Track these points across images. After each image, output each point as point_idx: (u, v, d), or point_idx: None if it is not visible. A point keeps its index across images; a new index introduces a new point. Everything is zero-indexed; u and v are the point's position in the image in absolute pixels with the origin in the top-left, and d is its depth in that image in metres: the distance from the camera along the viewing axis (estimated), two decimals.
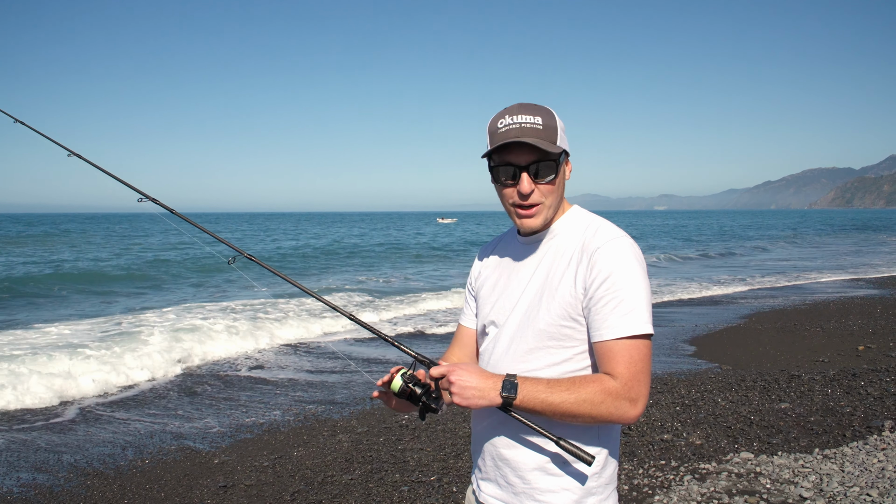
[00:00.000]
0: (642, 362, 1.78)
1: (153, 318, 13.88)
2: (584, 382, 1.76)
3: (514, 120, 1.87)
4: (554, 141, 1.87)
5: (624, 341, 1.77)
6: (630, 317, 1.77)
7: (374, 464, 5.76)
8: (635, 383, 1.76)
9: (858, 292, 16.39)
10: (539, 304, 1.89)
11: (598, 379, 1.77)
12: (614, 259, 1.81)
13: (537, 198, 1.89)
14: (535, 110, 1.89)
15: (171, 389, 8.81)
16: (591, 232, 1.89)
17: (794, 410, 6.51)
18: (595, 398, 1.74)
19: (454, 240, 53.60)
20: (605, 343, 1.79)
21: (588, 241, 1.87)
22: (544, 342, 1.87)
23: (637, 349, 1.78)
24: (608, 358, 1.79)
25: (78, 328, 12.89)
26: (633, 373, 1.76)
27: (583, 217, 1.97)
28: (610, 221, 1.94)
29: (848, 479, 4.76)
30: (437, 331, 13.07)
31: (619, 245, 1.83)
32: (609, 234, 1.86)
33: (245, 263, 2.51)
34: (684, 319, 13.14)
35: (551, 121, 1.88)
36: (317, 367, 9.99)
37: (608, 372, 1.78)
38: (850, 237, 52.22)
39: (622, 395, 1.75)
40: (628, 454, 5.60)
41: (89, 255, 34.98)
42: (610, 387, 1.75)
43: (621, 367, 1.76)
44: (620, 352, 1.77)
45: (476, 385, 1.76)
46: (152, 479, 5.67)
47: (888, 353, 9.04)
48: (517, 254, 2.03)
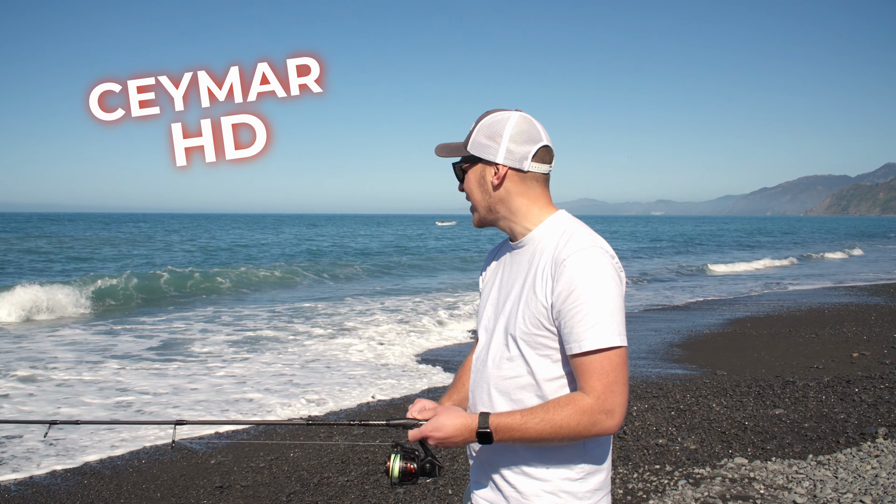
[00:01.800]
0: (614, 373, 1.79)
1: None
2: (557, 407, 1.79)
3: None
4: (466, 145, 2.00)
5: (593, 355, 1.79)
6: (595, 330, 1.78)
7: (370, 465, 5.77)
8: (609, 395, 1.78)
9: (853, 299, 16.43)
10: (517, 312, 1.92)
11: (572, 400, 1.80)
12: (580, 271, 1.81)
13: (467, 198, 2.06)
14: (478, 119, 2.01)
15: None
16: (563, 240, 1.90)
17: (789, 416, 6.53)
18: (570, 421, 1.78)
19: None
20: (576, 357, 1.82)
21: (559, 250, 1.88)
22: (521, 350, 1.91)
23: (608, 360, 1.79)
24: (581, 372, 1.82)
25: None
26: (606, 384, 1.78)
27: (560, 224, 1.97)
28: (587, 229, 1.95)
29: (841, 486, 4.78)
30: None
31: (586, 256, 1.83)
32: (578, 245, 1.86)
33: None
34: (681, 321, 13.17)
35: (472, 126, 2.01)
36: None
37: (582, 386, 1.81)
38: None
39: (597, 410, 1.78)
40: (623, 458, 5.62)
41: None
42: (584, 405, 1.78)
43: (594, 381, 1.79)
44: (591, 365, 1.79)
45: (452, 436, 1.86)
46: (148, 479, 5.67)
47: (882, 360, 9.07)
48: (506, 260, 2.07)
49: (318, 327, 13.06)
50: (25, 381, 8.63)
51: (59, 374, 9.08)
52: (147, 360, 10.20)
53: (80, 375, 9.04)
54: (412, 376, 9.22)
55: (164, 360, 10.19)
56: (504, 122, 1.95)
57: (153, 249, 40.02)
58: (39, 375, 8.95)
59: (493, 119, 1.96)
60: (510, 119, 1.95)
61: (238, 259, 33.03)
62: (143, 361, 10.04)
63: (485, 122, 1.97)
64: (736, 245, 51.24)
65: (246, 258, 33.83)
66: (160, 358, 10.34)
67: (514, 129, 1.94)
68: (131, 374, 9.23)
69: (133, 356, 10.42)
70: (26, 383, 8.56)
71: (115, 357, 10.32)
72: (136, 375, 9.13)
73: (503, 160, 1.95)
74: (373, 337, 12.05)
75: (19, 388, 8.38)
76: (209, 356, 10.43)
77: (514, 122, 1.94)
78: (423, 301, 17.30)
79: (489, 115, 1.98)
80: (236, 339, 11.95)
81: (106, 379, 8.90)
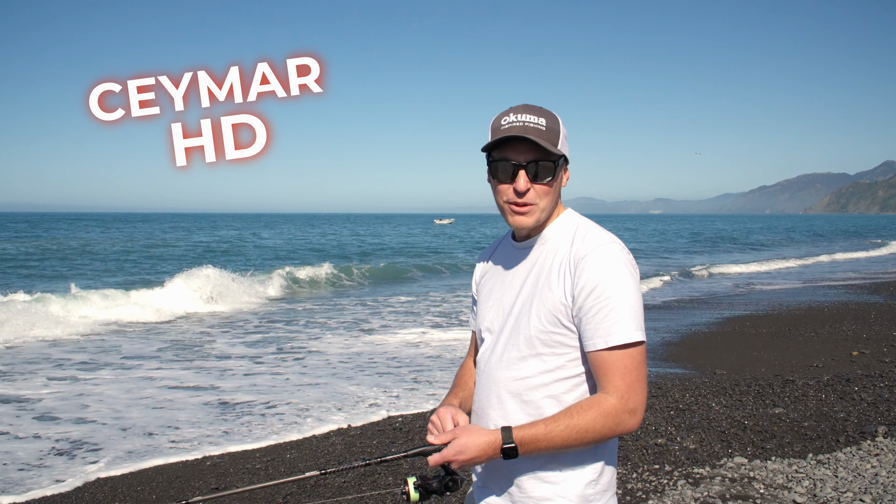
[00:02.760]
0: (637, 370, 1.78)
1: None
2: (580, 412, 1.77)
3: (517, 118, 1.86)
4: (556, 144, 1.87)
5: (616, 351, 1.77)
6: (620, 325, 1.77)
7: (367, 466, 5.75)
8: (632, 394, 1.77)
9: (853, 297, 16.44)
10: (530, 311, 1.88)
11: (595, 403, 1.77)
12: (602, 267, 1.80)
13: (532, 197, 1.88)
14: (541, 112, 1.88)
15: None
16: (579, 237, 1.88)
17: (788, 415, 6.53)
18: (595, 424, 1.75)
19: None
20: (599, 354, 1.79)
21: (577, 247, 1.86)
22: (536, 349, 1.87)
23: (630, 358, 1.78)
24: (603, 370, 1.79)
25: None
26: (629, 383, 1.77)
27: (573, 221, 1.95)
28: (600, 226, 1.93)
29: (841, 485, 4.78)
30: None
31: (606, 252, 1.82)
32: (597, 241, 1.85)
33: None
34: (680, 319, 13.17)
35: (555, 124, 1.88)
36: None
37: (603, 386, 1.79)
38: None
39: (621, 410, 1.76)
40: (622, 458, 5.61)
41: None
42: (608, 407, 1.76)
43: (617, 380, 1.77)
44: (614, 363, 1.77)
45: (476, 457, 1.78)
46: (143, 481, 5.65)
47: (882, 358, 9.07)
48: (511, 259, 2.03)
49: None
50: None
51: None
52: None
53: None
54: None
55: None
56: (559, 120, 1.92)
57: (248, 248, 41.85)
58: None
59: (558, 117, 1.91)
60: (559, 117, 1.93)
61: (345, 254, 36.98)
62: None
63: (557, 118, 1.90)
64: (737, 244, 51.16)
65: (359, 253, 38.23)
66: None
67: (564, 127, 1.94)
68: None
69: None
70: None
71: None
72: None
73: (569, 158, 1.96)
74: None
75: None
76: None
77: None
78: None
79: (552, 115, 1.90)
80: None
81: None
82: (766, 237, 62.05)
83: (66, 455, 6.31)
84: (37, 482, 5.64)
